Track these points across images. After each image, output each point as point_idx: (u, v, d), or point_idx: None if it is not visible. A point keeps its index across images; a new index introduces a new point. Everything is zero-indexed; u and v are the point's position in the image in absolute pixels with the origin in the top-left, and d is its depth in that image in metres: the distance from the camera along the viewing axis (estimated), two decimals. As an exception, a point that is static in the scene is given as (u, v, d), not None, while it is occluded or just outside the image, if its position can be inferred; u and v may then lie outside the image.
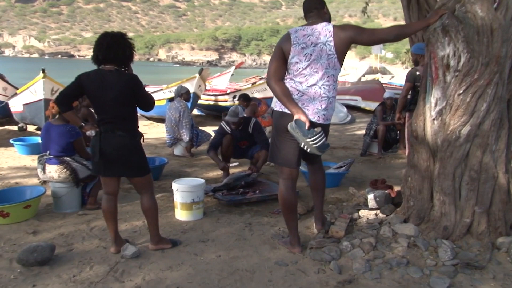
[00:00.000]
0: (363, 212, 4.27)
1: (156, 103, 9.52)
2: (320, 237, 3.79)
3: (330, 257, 3.41)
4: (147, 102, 3.38)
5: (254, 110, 8.54)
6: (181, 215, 4.31)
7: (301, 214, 4.50)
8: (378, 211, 4.30)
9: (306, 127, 3.18)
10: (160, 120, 11.60)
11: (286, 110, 3.32)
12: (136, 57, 3.51)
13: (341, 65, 3.41)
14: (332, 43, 3.25)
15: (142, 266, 3.30)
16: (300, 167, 5.85)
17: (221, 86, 15.77)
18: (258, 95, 11.29)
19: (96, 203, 4.61)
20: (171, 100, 7.29)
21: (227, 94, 12.67)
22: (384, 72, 32.22)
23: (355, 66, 38.60)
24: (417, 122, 3.85)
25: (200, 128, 8.06)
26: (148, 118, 12.25)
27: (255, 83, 19.38)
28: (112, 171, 3.33)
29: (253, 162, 6.22)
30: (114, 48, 3.16)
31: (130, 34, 3.44)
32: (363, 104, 14.95)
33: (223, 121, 5.84)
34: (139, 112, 3.70)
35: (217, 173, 6.23)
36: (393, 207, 4.29)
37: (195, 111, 13.04)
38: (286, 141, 3.40)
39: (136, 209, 4.59)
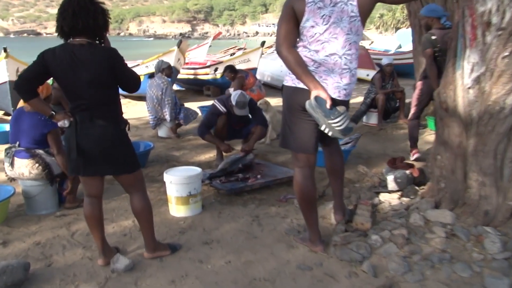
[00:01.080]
0: (384, 196, 3.77)
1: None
2: (341, 229, 3.27)
3: (360, 256, 2.90)
4: (131, 81, 2.75)
5: (242, 83, 7.92)
6: (176, 210, 3.74)
7: (311, 200, 3.96)
8: (399, 194, 3.81)
9: (328, 106, 2.61)
10: (139, 97, 10.87)
11: (301, 85, 2.74)
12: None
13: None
14: (355, 3, 2.66)
15: (138, 282, 2.73)
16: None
17: (199, 59, 15.00)
18: (241, 67, 10.63)
19: (76, 200, 4.00)
20: (151, 76, 6.60)
21: (208, 67, 11.95)
22: (362, 38, 31.64)
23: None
24: (447, 92, 3.32)
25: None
26: (125, 96, 11.48)
27: (233, 54, 18.69)
28: (94, 169, 2.72)
29: (246, 141, 5.66)
30: (82, 16, 2.50)
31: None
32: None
33: (216, 100, 5.21)
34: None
35: (209, 155, 5.64)
36: (416, 189, 3.80)
37: (174, 86, 12.30)
38: (301, 122, 2.84)
39: (123, 205, 4.00)
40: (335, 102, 2.67)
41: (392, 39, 30.43)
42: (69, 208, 3.97)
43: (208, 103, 10.48)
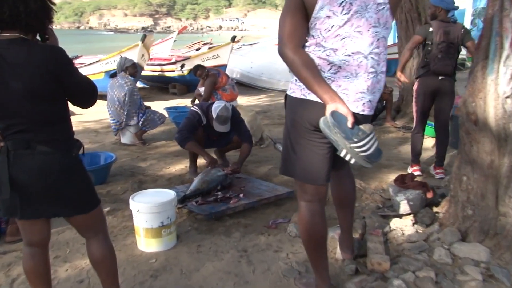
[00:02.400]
0: (395, 222, 3.18)
1: (92, 78, 7.95)
2: (351, 268, 2.67)
3: (383, 311, 2.29)
4: (84, 93, 2.04)
5: (215, 82, 7.22)
6: (146, 245, 3.04)
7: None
8: (412, 218, 3.23)
9: (349, 124, 1.97)
10: (100, 96, 9.97)
11: (312, 96, 2.09)
12: (65, 26, 2.15)
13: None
14: None
15: None
16: (281, 149, 4.72)
17: (163, 54, 14.18)
18: (210, 63, 9.93)
19: (18, 233, 3.22)
20: (112, 75, 5.83)
21: (174, 63, 11.19)
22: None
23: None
24: (476, 100, 2.76)
25: (146, 104, 6.68)
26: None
27: (199, 49, 17.91)
28: (35, 211, 2.00)
29: (223, 151, 4.97)
30: (9, 1, 1.78)
31: (56, 1, 2.03)
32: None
33: (196, 108, 4.51)
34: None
35: (180, 166, 4.94)
36: (432, 213, 3.23)
37: (138, 83, 11.46)
38: (310, 144, 2.20)
39: (80, 237, 3.26)
40: (357, 119, 2.04)
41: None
42: (10, 242, 3.20)
43: (175, 102, 9.77)
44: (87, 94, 2.03)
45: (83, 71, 9.78)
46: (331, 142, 2.04)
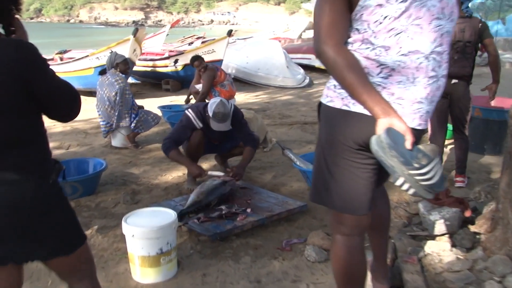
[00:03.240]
0: (429, 246, 2.75)
1: (81, 73, 7.45)
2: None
3: None
4: (62, 102, 1.59)
5: (214, 76, 6.75)
6: (142, 275, 2.59)
7: (326, 249, 2.92)
8: (448, 240, 2.82)
9: (408, 145, 1.54)
10: (88, 93, 9.49)
11: (358, 107, 1.66)
12: (54, 19, 1.69)
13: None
14: None
15: None
16: (292, 156, 4.27)
17: (155, 49, 13.65)
18: (205, 59, 9.40)
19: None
20: (102, 72, 5.34)
21: (167, 58, 10.68)
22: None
23: (287, 22, 36.87)
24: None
25: (139, 102, 6.22)
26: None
27: (192, 43, 17.38)
28: (2, 254, 1.55)
29: (226, 156, 4.53)
30: None
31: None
32: (317, 63, 13.37)
33: (190, 110, 4.02)
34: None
35: (178, 174, 4.49)
36: (471, 234, 2.82)
37: (129, 79, 10.94)
38: (352, 166, 1.76)
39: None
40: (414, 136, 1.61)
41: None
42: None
43: (168, 99, 9.28)
44: (67, 104, 1.58)
45: (73, 66, 9.31)
46: (378, 164, 1.61)
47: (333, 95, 1.77)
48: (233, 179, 3.75)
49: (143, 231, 2.50)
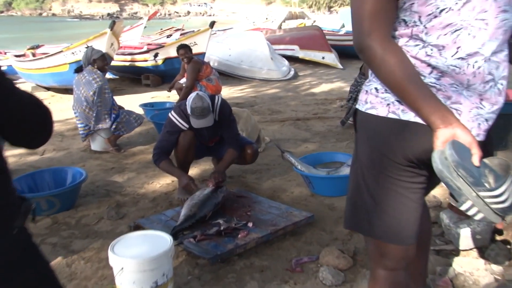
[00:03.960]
0: (460, 263, 2.43)
1: (56, 70, 6.95)
2: None
3: None
4: (28, 124, 1.17)
5: (199, 69, 6.32)
6: (133, 313, 2.21)
7: (343, 269, 2.58)
8: (478, 255, 2.50)
9: (476, 161, 1.20)
10: (64, 90, 8.98)
11: (408, 115, 1.32)
12: (26, 12, 1.29)
13: None
14: None
15: None
16: (292, 160, 3.91)
17: (133, 42, 13.13)
18: (187, 52, 8.98)
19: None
20: (78, 70, 4.88)
21: (146, 52, 10.19)
22: (302, 16, 30.55)
23: (266, 12, 36.38)
24: None
25: (118, 99, 5.78)
26: (48, 88, 9.54)
27: (170, 35, 16.86)
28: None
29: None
30: None
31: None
32: (301, 54, 13.12)
33: (172, 113, 3.61)
34: (34, 80, 1.32)
35: (166, 181, 4.09)
36: (506, 249, 2.50)
37: (107, 74, 10.41)
38: (400, 186, 1.42)
39: None
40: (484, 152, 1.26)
41: (335, 18, 29.66)
42: None
43: (149, 95, 8.83)
44: (34, 125, 1.17)
45: (46, 62, 8.75)
46: (427, 181, 1.30)
47: (375, 100, 1.41)
48: (220, 186, 3.38)
49: (135, 262, 2.11)
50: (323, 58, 12.66)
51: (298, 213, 3.18)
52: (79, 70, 4.86)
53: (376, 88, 1.43)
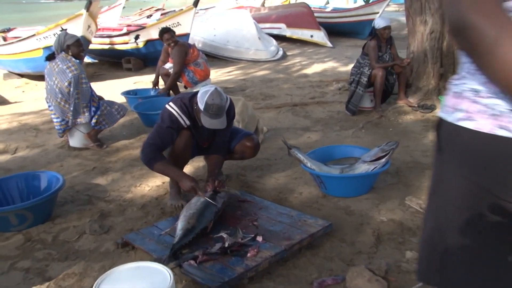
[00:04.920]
0: None
1: (29, 55, 6.33)
2: None
3: None
4: None
5: (186, 53, 5.79)
6: None
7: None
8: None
9: None
10: (38, 77, 8.34)
11: None
12: None
13: None
14: None
15: None
16: (301, 157, 3.44)
17: (111, 24, 12.43)
18: (171, 33, 8.38)
19: None
20: (50, 58, 4.31)
21: (127, 34, 9.54)
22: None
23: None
24: None
25: (97, 84, 5.24)
26: (22, 75, 8.88)
27: (150, 15, 16.10)
28: None
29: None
30: None
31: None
32: (288, 33, 12.55)
33: (172, 104, 3.02)
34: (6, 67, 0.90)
35: (155, 183, 3.60)
36: None
37: (85, 58, 9.75)
38: (505, 233, 0.98)
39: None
40: None
41: (319, -5, 28.98)
42: None
43: (131, 80, 8.25)
44: None
45: (18, 47, 8.09)
46: None
47: (472, 108, 0.96)
48: (218, 191, 2.92)
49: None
50: (311, 36, 12.14)
51: (313, 222, 2.74)
52: (50, 57, 4.29)
53: (474, 90, 0.97)
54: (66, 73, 4.12)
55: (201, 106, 2.84)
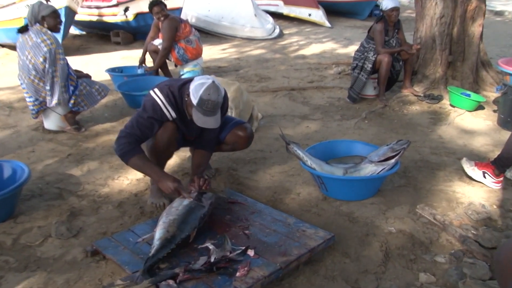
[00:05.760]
0: None
1: (8, 24, 5.65)
2: None
3: None
4: None
5: (177, 28, 5.34)
6: None
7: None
8: None
9: None
10: (13, 47, 7.82)
11: None
12: None
13: None
14: None
15: None
16: (300, 154, 3.05)
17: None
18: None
19: None
20: (22, 30, 3.86)
21: (116, 5, 8.99)
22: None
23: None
24: None
25: (83, 58, 4.80)
26: (2, 46, 8.38)
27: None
28: None
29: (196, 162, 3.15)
30: None
31: None
32: (286, 10, 12.08)
33: (157, 91, 2.58)
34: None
35: (136, 176, 3.22)
36: None
37: (72, 29, 9.23)
38: None
39: None
40: None
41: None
42: None
43: (119, 55, 7.79)
44: None
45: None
46: None
47: None
48: (205, 192, 2.57)
49: None
50: (309, 15, 11.69)
51: (313, 232, 2.38)
52: (23, 29, 3.84)
53: None
54: (41, 47, 3.68)
55: (194, 100, 2.43)
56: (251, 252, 2.21)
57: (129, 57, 7.60)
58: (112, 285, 2.02)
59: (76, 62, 6.68)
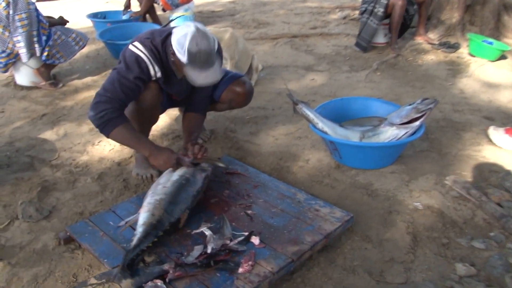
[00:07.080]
0: None
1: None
2: None
3: None
4: None
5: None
6: None
7: None
8: None
9: None
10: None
11: None
12: None
13: None
14: None
15: None
16: (310, 115, 2.59)
17: None
18: None
19: None
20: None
21: None
22: None
23: None
24: None
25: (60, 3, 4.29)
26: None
27: None
28: None
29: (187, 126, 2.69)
30: None
31: None
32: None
33: (138, 45, 2.10)
34: None
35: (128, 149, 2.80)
36: None
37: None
38: None
39: None
40: None
41: None
42: None
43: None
44: None
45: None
46: None
47: None
48: (198, 163, 2.17)
49: None
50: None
51: (328, 212, 2.01)
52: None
53: None
54: (4, -11, 3.16)
55: (184, 57, 1.95)
56: (255, 240, 1.84)
57: (113, 0, 6.97)
58: (84, 284, 1.66)
59: (51, 7, 6.10)
